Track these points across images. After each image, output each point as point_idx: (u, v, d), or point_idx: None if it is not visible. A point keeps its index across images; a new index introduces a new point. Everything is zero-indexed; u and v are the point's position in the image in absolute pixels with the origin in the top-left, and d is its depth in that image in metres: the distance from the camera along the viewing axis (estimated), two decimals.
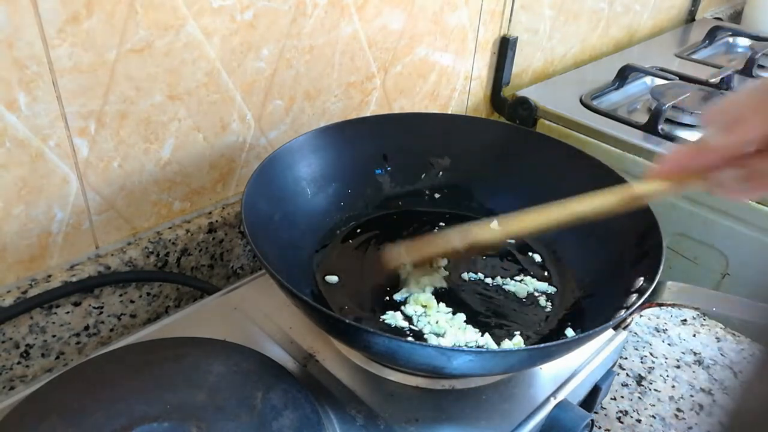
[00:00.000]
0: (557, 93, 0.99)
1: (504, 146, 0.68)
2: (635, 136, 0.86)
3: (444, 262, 0.60)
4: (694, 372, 0.62)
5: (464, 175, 0.69)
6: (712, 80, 1.01)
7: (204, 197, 0.66)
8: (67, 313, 0.56)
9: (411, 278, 0.57)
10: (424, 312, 0.55)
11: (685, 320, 0.69)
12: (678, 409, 0.58)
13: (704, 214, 0.81)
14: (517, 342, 0.52)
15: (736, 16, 1.56)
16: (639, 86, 1.05)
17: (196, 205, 0.66)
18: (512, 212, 0.52)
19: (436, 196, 0.69)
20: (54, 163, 0.52)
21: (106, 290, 0.59)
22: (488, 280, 0.60)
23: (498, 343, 0.52)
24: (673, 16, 1.40)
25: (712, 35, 1.28)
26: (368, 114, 0.79)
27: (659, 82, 1.03)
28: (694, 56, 1.20)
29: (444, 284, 0.58)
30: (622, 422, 0.57)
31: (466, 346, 0.52)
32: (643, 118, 0.90)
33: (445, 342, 0.52)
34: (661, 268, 0.48)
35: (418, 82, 0.84)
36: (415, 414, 0.47)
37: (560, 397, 0.50)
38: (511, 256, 0.63)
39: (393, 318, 0.54)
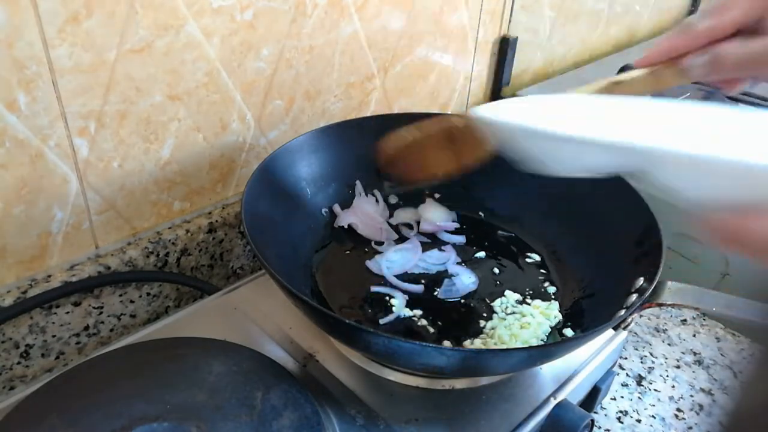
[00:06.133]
0: (557, 93, 0.98)
1: None
2: None
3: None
4: (694, 372, 0.62)
5: (464, 175, 0.69)
6: None
7: (204, 197, 0.66)
8: (67, 313, 0.56)
9: None
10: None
11: (685, 320, 0.70)
12: (678, 409, 0.58)
13: None
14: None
15: None
16: None
17: (196, 205, 0.66)
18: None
19: (436, 196, 0.69)
20: (54, 163, 0.52)
21: (106, 290, 0.59)
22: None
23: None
24: (673, 16, 1.40)
25: None
26: (368, 114, 0.79)
27: None
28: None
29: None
30: (622, 422, 0.57)
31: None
32: None
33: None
34: (661, 268, 0.48)
35: (418, 82, 0.84)
36: (415, 414, 0.47)
37: (560, 397, 0.50)
38: (511, 255, 0.63)
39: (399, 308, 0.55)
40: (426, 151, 0.52)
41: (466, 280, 0.59)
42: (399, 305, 0.56)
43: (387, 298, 0.57)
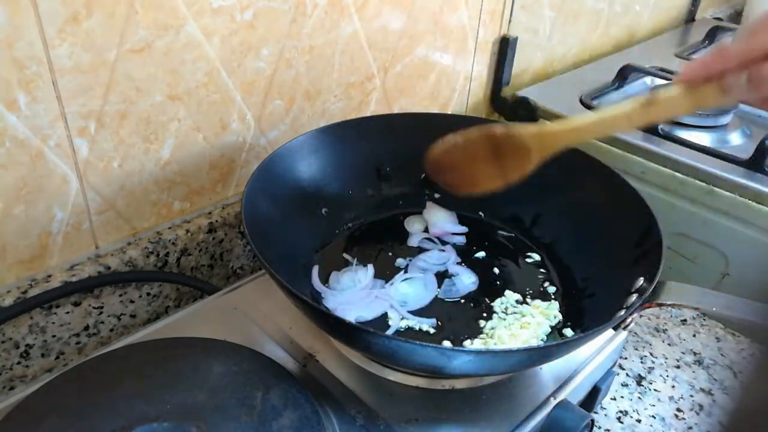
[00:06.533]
0: (557, 93, 0.99)
1: None
2: (635, 136, 0.86)
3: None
4: (694, 372, 0.62)
5: None
6: None
7: (204, 197, 0.66)
8: (67, 313, 0.56)
9: None
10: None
11: (685, 320, 0.69)
12: (678, 409, 0.58)
13: (704, 214, 0.80)
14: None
15: (736, 16, 1.56)
16: (639, 86, 1.05)
17: (196, 205, 0.66)
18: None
19: (436, 196, 0.69)
20: (54, 163, 0.52)
21: (106, 290, 0.59)
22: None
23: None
24: (673, 16, 1.40)
25: (712, 35, 1.28)
26: (368, 114, 0.79)
27: (659, 82, 1.03)
28: (694, 56, 1.19)
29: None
30: (622, 422, 0.57)
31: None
32: None
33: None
34: (661, 268, 0.48)
35: (418, 82, 0.84)
36: (415, 414, 0.47)
37: (560, 397, 0.50)
38: (511, 255, 0.63)
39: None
40: (471, 162, 0.53)
41: (466, 280, 0.59)
42: (396, 318, 0.55)
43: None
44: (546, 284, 0.60)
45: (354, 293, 0.57)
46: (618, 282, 0.53)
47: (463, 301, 0.58)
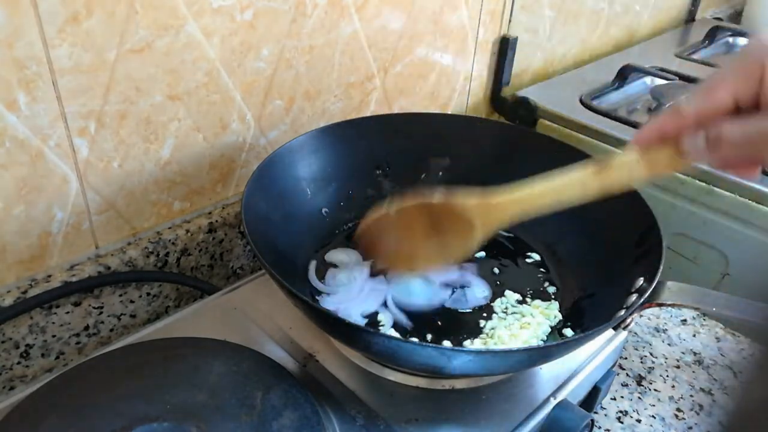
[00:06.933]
0: (557, 93, 0.99)
1: (504, 146, 0.68)
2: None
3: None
4: (694, 372, 0.62)
5: (464, 175, 0.69)
6: None
7: (204, 197, 0.66)
8: (67, 313, 0.56)
9: None
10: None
11: (685, 320, 0.69)
12: (678, 409, 0.58)
13: (704, 214, 0.81)
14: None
15: (736, 16, 1.56)
16: (639, 86, 1.05)
17: (196, 205, 0.66)
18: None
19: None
20: (54, 163, 0.52)
21: (106, 290, 0.59)
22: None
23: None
24: (673, 16, 1.40)
25: (712, 35, 1.28)
26: (368, 114, 0.79)
27: (659, 82, 1.03)
28: (694, 56, 1.19)
29: None
30: (622, 422, 0.57)
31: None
32: (643, 118, 0.90)
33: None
34: (661, 268, 0.48)
35: (418, 82, 0.84)
36: (415, 414, 0.47)
37: (560, 397, 0.50)
38: (511, 255, 0.63)
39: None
40: (407, 237, 0.49)
41: (478, 293, 0.58)
42: (387, 323, 0.55)
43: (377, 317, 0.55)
44: (546, 284, 0.60)
45: (350, 290, 0.57)
46: (618, 282, 0.53)
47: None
